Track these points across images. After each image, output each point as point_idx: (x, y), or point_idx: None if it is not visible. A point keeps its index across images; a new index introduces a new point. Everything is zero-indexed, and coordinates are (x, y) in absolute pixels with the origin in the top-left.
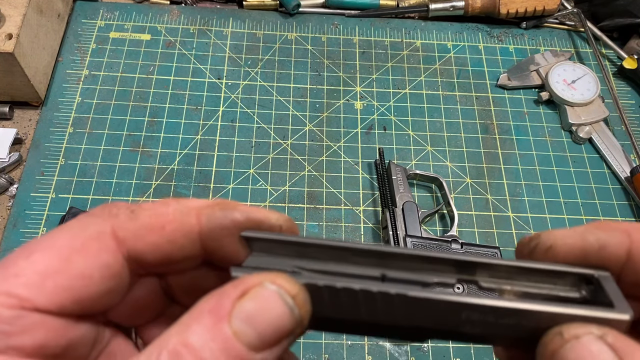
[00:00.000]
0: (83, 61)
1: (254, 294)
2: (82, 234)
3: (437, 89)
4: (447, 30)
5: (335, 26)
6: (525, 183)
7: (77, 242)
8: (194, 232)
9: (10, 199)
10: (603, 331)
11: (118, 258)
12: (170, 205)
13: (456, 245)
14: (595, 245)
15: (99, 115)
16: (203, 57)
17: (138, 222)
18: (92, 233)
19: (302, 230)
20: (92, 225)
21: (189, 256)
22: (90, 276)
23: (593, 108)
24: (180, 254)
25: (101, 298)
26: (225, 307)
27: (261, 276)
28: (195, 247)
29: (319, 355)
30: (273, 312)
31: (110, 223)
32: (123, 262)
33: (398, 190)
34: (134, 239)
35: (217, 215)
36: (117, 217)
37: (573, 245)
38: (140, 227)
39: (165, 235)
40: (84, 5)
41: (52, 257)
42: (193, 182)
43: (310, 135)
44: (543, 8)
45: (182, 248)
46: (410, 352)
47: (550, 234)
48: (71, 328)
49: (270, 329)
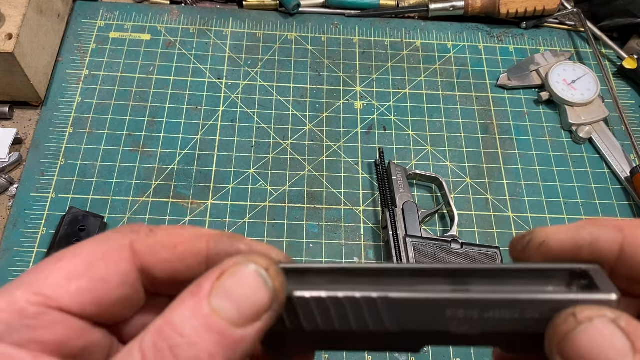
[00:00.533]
0: (83, 61)
1: (231, 271)
2: (105, 245)
3: (437, 89)
4: (447, 30)
5: (335, 26)
6: (525, 183)
7: (100, 251)
8: (202, 255)
9: (10, 199)
10: (616, 314)
11: (133, 268)
12: (185, 229)
13: (456, 245)
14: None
15: (99, 115)
16: (203, 57)
17: (155, 239)
18: (114, 244)
19: (302, 230)
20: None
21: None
22: (110, 281)
23: (593, 108)
24: (187, 273)
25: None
26: (205, 287)
27: (238, 257)
28: (201, 268)
29: (319, 355)
30: (248, 285)
31: (130, 237)
32: (137, 273)
33: (398, 190)
34: (149, 253)
35: (224, 243)
36: (137, 233)
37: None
38: (155, 243)
39: (177, 254)
40: (84, 5)
41: (78, 263)
42: (193, 182)
43: (310, 135)
44: (543, 8)
45: (190, 268)
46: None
47: (543, 230)
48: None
49: (248, 302)
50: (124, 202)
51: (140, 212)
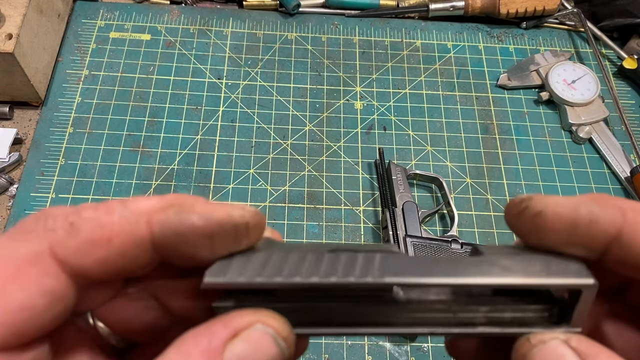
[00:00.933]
0: (83, 61)
1: (246, 335)
2: (14, 257)
3: (437, 89)
4: (447, 30)
5: (335, 26)
6: (525, 183)
7: (9, 268)
8: (147, 242)
9: (10, 199)
10: (567, 336)
11: (61, 280)
12: (115, 211)
13: (456, 245)
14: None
15: (99, 115)
16: (203, 57)
17: (79, 237)
18: (28, 255)
19: (302, 230)
20: (26, 245)
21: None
22: (32, 307)
23: (593, 108)
24: (133, 265)
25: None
26: (217, 349)
27: (252, 316)
28: (149, 254)
29: (319, 355)
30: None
31: (47, 240)
32: (68, 281)
33: (398, 190)
34: (77, 256)
35: (172, 221)
36: (54, 232)
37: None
38: (82, 243)
39: (114, 249)
40: (84, 5)
41: None
42: (193, 182)
43: (310, 135)
44: (543, 8)
45: (135, 259)
46: (410, 352)
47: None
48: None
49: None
50: None
51: None
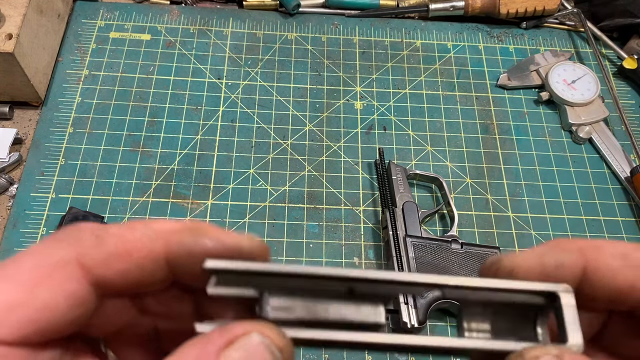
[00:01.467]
0: (83, 61)
1: (241, 344)
2: (46, 262)
3: (437, 89)
4: (447, 30)
5: (335, 26)
6: (525, 183)
7: (41, 271)
8: (162, 258)
9: (10, 199)
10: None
11: (84, 286)
12: (137, 229)
13: (456, 245)
14: (552, 265)
15: (99, 115)
16: (203, 57)
17: (104, 248)
18: (58, 261)
19: (302, 230)
20: (57, 252)
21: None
22: (56, 307)
23: (593, 108)
24: (149, 280)
25: (67, 326)
26: (211, 355)
27: (248, 326)
28: (164, 272)
29: (319, 355)
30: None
31: (75, 249)
32: (90, 288)
33: (398, 190)
34: (101, 266)
35: (186, 242)
36: (82, 242)
37: (532, 266)
38: (107, 254)
39: (133, 262)
40: (84, 5)
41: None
42: (193, 182)
43: (310, 135)
44: (543, 8)
45: (152, 274)
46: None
47: (509, 258)
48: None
49: None
50: (124, 202)
51: (140, 212)
